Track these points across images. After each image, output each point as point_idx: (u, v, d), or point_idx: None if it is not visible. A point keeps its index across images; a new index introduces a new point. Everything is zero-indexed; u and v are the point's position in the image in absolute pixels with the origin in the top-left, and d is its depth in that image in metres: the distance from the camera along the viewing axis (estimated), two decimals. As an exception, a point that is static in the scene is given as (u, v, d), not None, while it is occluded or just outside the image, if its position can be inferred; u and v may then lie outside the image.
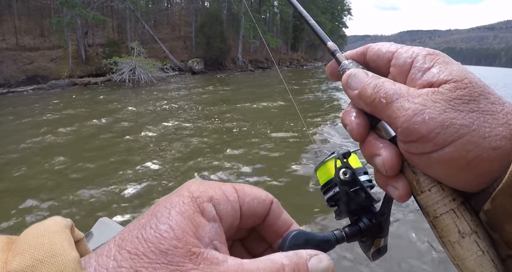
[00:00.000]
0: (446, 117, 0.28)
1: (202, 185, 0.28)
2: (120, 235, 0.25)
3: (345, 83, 0.36)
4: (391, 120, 0.31)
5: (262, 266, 0.25)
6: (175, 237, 0.24)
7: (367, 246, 0.41)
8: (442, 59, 0.32)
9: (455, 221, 0.30)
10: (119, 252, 0.24)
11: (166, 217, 0.25)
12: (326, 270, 0.27)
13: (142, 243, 0.24)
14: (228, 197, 0.28)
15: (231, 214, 0.28)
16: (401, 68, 0.33)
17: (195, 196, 0.27)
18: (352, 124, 0.35)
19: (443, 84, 0.29)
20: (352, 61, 0.38)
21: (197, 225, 0.25)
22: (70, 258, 0.22)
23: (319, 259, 0.28)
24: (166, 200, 0.27)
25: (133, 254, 0.23)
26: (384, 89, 0.32)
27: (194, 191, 0.27)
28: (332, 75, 0.41)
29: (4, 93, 15.89)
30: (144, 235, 0.24)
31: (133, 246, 0.24)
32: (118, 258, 0.23)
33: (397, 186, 0.33)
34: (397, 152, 0.32)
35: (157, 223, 0.25)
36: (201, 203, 0.26)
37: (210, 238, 0.25)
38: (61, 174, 5.15)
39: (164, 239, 0.24)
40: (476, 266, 0.28)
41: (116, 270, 0.23)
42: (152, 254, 0.23)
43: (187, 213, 0.25)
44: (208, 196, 0.27)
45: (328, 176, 0.43)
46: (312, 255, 0.28)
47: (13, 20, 22.04)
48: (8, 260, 0.22)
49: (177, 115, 9.63)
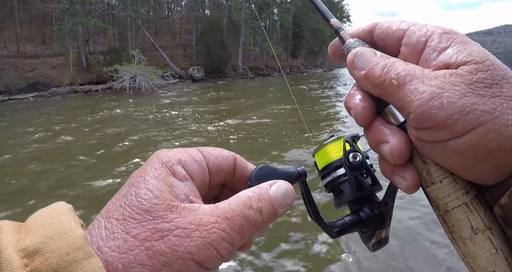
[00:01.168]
0: (466, 102, 0.25)
1: (170, 152, 0.32)
2: (105, 209, 0.28)
3: (351, 63, 0.33)
4: (402, 104, 0.28)
5: (232, 201, 0.29)
6: (154, 196, 0.27)
7: (368, 237, 0.39)
8: (460, 38, 0.29)
9: (468, 216, 0.28)
10: (108, 222, 0.26)
11: (142, 183, 0.28)
12: (286, 191, 0.32)
13: (126, 209, 0.27)
14: (194, 158, 0.32)
15: (200, 171, 0.32)
16: (414, 48, 0.30)
17: (165, 161, 0.30)
18: (357, 108, 0.32)
19: (462, 66, 0.27)
20: (358, 39, 0.35)
21: (171, 185, 0.28)
22: (77, 234, 0.24)
23: (277, 186, 0.32)
24: (139, 171, 0.30)
25: (121, 220, 0.26)
26: (395, 69, 0.29)
27: (163, 157, 0.30)
28: (334, 55, 0.37)
29: (5, 100, 15.92)
30: (126, 202, 0.27)
31: (119, 213, 0.26)
32: (108, 227, 0.26)
33: (405, 176, 0.31)
34: (407, 139, 0.30)
35: (135, 190, 0.28)
36: (171, 166, 0.30)
37: (185, 194, 0.29)
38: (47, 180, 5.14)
39: (145, 200, 0.27)
40: (488, 265, 0.27)
41: (110, 236, 0.25)
42: (138, 215, 0.26)
43: (160, 177, 0.29)
44: (176, 159, 0.31)
45: (328, 160, 0.40)
46: (271, 183, 0.32)
47: (14, 28, 22.17)
48: (20, 239, 0.24)
49: (176, 124, 9.65)
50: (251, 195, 0.30)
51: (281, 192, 0.32)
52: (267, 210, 0.30)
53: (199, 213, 0.27)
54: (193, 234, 0.26)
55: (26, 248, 0.23)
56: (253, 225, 0.29)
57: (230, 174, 0.35)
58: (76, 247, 0.24)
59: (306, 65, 49.04)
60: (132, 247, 0.25)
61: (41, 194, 4.69)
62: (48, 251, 0.23)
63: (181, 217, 0.27)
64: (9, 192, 4.77)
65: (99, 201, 4.38)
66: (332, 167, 0.40)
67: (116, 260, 0.25)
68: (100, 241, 0.25)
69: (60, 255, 0.23)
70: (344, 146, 0.38)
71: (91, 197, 4.59)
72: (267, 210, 0.30)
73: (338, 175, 0.39)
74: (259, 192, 0.31)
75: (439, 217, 0.30)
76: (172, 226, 0.26)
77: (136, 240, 0.25)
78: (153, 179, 0.28)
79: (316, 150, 0.43)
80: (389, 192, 0.37)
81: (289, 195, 0.32)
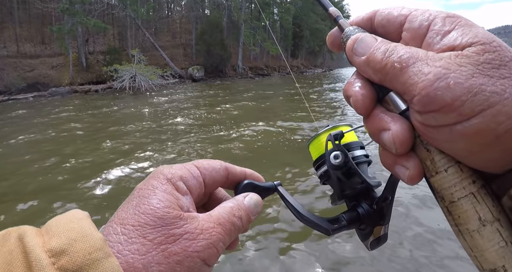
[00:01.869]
0: (474, 82, 0.24)
1: (172, 168, 0.36)
2: (117, 217, 0.31)
3: (351, 48, 0.32)
4: (406, 88, 0.27)
5: (219, 211, 0.35)
6: (166, 206, 0.32)
7: (366, 234, 0.38)
8: (465, 21, 0.28)
9: (475, 207, 0.26)
10: (124, 228, 0.30)
11: (153, 194, 0.32)
12: (256, 202, 0.38)
13: (141, 216, 0.30)
14: (193, 174, 0.37)
15: (197, 186, 0.37)
16: (416, 32, 0.29)
17: (169, 178, 0.35)
18: (357, 96, 0.31)
19: (468, 47, 0.26)
20: (357, 27, 0.34)
21: (177, 198, 0.33)
22: (97, 237, 0.27)
23: (249, 198, 0.38)
24: (146, 184, 0.34)
25: (136, 226, 0.30)
26: (397, 53, 0.28)
27: (167, 174, 0.35)
28: (333, 44, 0.36)
29: (5, 100, 15.89)
30: (140, 210, 0.31)
31: (134, 220, 0.30)
32: (125, 233, 0.29)
33: (408, 165, 0.29)
34: (409, 126, 0.29)
35: (148, 200, 0.32)
36: (175, 182, 0.34)
37: (187, 206, 0.34)
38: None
39: (158, 209, 0.31)
40: (497, 258, 0.25)
41: (128, 241, 0.29)
42: (152, 222, 0.30)
43: (168, 190, 0.33)
44: (179, 175, 0.35)
45: (320, 151, 0.40)
46: (245, 196, 0.38)
47: (14, 28, 22.15)
48: (45, 241, 0.27)
49: (175, 124, 9.61)
50: (232, 206, 0.36)
51: (253, 203, 0.38)
52: (245, 217, 0.37)
53: (200, 220, 0.33)
54: (199, 237, 0.31)
55: (53, 249, 0.26)
56: (236, 229, 0.35)
57: (223, 182, 0.41)
58: (97, 248, 0.26)
59: (306, 65, 49.07)
60: (150, 250, 0.29)
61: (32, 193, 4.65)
62: (72, 251, 0.26)
63: (188, 224, 0.32)
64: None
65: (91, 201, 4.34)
66: (325, 158, 0.39)
67: (136, 261, 0.28)
68: (119, 245, 0.29)
69: (83, 254, 0.26)
70: (326, 145, 0.37)
71: (82, 198, 4.55)
72: (244, 217, 0.37)
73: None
74: (237, 203, 0.37)
75: (443, 208, 0.29)
76: (182, 231, 0.31)
77: (152, 244, 0.29)
78: (162, 192, 0.33)
79: (309, 142, 0.42)
80: (389, 186, 0.36)
81: (259, 205, 0.39)
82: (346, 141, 0.39)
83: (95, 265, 0.26)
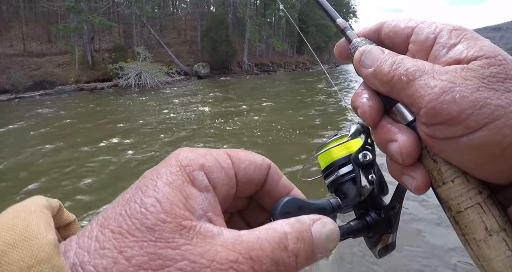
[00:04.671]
0: (479, 96, 0.24)
1: (192, 153, 0.26)
2: (103, 214, 0.23)
3: (358, 60, 0.32)
4: (412, 100, 0.28)
5: (262, 236, 0.23)
6: (163, 210, 0.22)
7: (374, 243, 0.38)
8: (470, 34, 0.28)
9: (482, 217, 0.27)
10: (101, 232, 0.21)
11: (152, 189, 0.23)
12: (331, 234, 0.26)
13: (126, 220, 0.21)
14: (221, 164, 0.26)
15: (225, 182, 0.26)
16: (422, 45, 0.29)
17: (184, 165, 0.24)
18: (365, 107, 0.31)
19: (474, 61, 0.26)
20: (365, 39, 0.34)
21: (188, 196, 0.23)
22: (45, 241, 0.19)
23: (322, 224, 0.26)
24: (152, 172, 0.25)
25: (116, 233, 0.21)
26: (404, 66, 0.29)
27: (183, 160, 0.25)
28: (341, 55, 0.37)
29: (12, 99, 15.93)
30: (128, 211, 0.22)
31: (116, 224, 0.21)
32: (100, 239, 0.21)
33: (415, 176, 0.29)
34: (416, 138, 0.29)
35: (142, 197, 0.22)
36: (191, 171, 0.24)
37: (203, 209, 0.23)
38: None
39: (150, 214, 0.21)
40: (504, 268, 0.25)
41: (98, 252, 0.20)
42: (138, 232, 0.21)
43: (175, 184, 0.23)
44: (199, 163, 0.25)
45: (331, 159, 0.39)
46: (315, 219, 0.26)
47: (20, 26, 22.21)
48: None
49: (181, 120, 9.50)
50: (289, 232, 0.24)
51: (325, 234, 0.25)
52: (305, 255, 0.24)
53: (216, 243, 0.22)
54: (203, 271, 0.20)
55: None
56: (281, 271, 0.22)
57: (260, 186, 0.29)
58: (41, 258, 0.19)
59: (311, 61, 48.69)
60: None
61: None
62: (6, 262, 0.18)
63: (191, 245, 0.21)
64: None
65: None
66: (335, 166, 0.38)
67: None
68: (85, 255, 0.20)
69: (20, 269, 0.18)
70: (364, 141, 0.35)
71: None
72: (304, 254, 0.24)
73: (341, 173, 0.37)
74: (299, 229, 0.24)
75: (450, 218, 0.29)
76: (177, 256, 0.20)
77: (128, 265, 0.20)
78: (165, 186, 0.23)
79: (319, 149, 0.41)
80: (397, 194, 0.36)
81: (334, 239, 0.26)
82: (352, 151, 0.38)
83: None
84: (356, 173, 0.35)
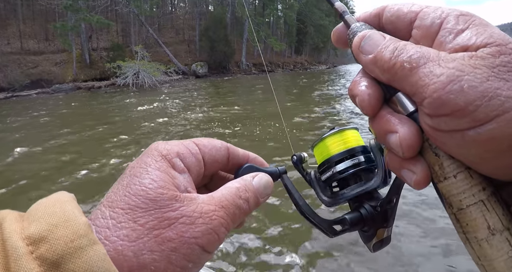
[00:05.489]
0: (489, 86, 0.23)
1: (168, 144, 0.33)
2: (106, 199, 0.29)
3: (357, 46, 0.31)
4: (415, 89, 0.26)
5: (225, 192, 0.32)
6: (159, 186, 0.29)
7: (369, 237, 0.37)
8: (479, 21, 0.26)
9: (485, 215, 0.25)
10: (113, 211, 0.27)
11: (145, 173, 0.29)
12: (266, 183, 0.35)
13: (131, 198, 0.28)
14: (191, 150, 0.34)
15: (196, 164, 0.34)
16: (427, 30, 0.28)
17: (164, 154, 0.31)
18: (363, 95, 0.30)
19: (482, 48, 0.24)
20: (364, 23, 0.32)
21: (172, 177, 0.30)
22: (81, 222, 0.25)
23: (259, 178, 0.35)
24: (138, 162, 0.31)
25: (126, 209, 0.27)
26: (407, 52, 0.27)
27: (162, 150, 0.32)
28: (338, 40, 0.35)
29: (8, 97, 15.86)
30: (131, 191, 0.28)
31: (124, 203, 0.27)
32: (114, 217, 0.27)
33: (415, 170, 0.28)
34: (417, 129, 0.28)
35: (139, 180, 0.29)
36: (171, 159, 0.31)
37: (184, 186, 0.31)
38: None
39: (151, 190, 0.28)
40: (506, 269, 0.24)
41: (117, 226, 0.26)
42: (144, 204, 0.27)
43: (162, 168, 0.30)
44: (175, 152, 0.32)
45: (327, 154, 0.38)
46: (254, 175, 0.35)
47: (17, 24, 22.13)
48: (24, 227, 0.24)
49: (178, 120, 9.50)
50: (238, 186, 0.33)
51: (263, 184, 0.35)
52: (252, 200, 0.33)
53: (199, 202, 0.30)
54: (197, 221, 0.28)
55: (31, 235, 0.23)
56: (242, 212, 0.32)
57: (224, 164, 0.37)
58: (80, 234, 0.24)
59: (310, 61, 48.73)
60: (141, 236, 0.26)
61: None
62: (53, 238, 0.23)
63: (185, 206, 0.29)
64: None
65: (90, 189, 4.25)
66: (332, 162, 0.38)
67: (125, 248, 0.26)
68: (107, 231, 0.26)
69: (65, 242, 0.23)
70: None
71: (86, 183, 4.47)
72: (252, 200, 0.33)
73: (338, 170, 0.37)
74: (245, 184, 0.34)
75: (451, 215, 0.28)
76: (177, 215, 0.28)
77: (144, 229, 0.27)
78: (155, 170, 0.30)
79: (315, 144, 0.40)
80: (394, 188, 0.35)
81: (269, 186, 0.36)
82: (351, 146, 0.38)
83: (78, 254, 0.23)
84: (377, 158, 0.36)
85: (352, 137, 0.38)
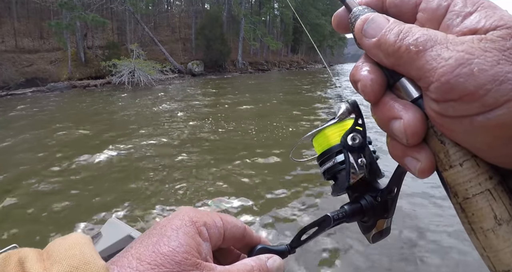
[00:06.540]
0: (500, 70, 0.22)
1: (198, 213, 0.36)
2: (135, 250, 0.31)
3: (360, 30, 0.29)
4: (422, 74, 0.25)
5: (240, 267, 0.34)
6: (185, 251, 0.31)
7: (368, 227, 0.37)
8: (488, 3, 0.25)
9: (491, 205, 0.25)
10: (140, 264, 0.29)
11: (175, 236, 0.32)
12: (279, 266, 0.37)
13: (159, 256, 0.30)
14: (216, 223, 0.36)
15: (217, 236, 0.36)
16: (433, 13, 0.27)
17: (194, 221, 0.34)
18: (366, 80, 0.29)
19: (492, 31, 0.23)
20: (367, 7, 0.31)
21: (198, 243, 0.32)
22: (100, 265, 0.27)
23: (273, 260, 0.37)
24: (169, 222, 0.34)
25: (153, 265, 0.29)
26: (413, 34, 0.26)
27: (193, 217, 0.34)
28: (339, 25, 0.34)
29: (3, 96, 15.78)
30: (160, 250, 0.30)
31: (152, 259, 0.29)
32: (140, 269, 0.29)
33: (419, 157, 0.27)
34: (422, 115, 0.27)
35: (169, 241, 0.31)
36: (199, 226, 0.34)
37: (205, 253, 0.33)
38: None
39: (178, 253, 0.30)
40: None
41: None
42: (169, 264, 0.29)
43: (190, 234, 0.32)
44: (203, 221, 0.35)
45: (327, 145, 0.37)
46: (269, 257, 0.38)
47: (12, 22, 21.97)
48: (46, 268, 0.26)
49: (173, 119, 9.52)
50: (254, 265, 0.35)
51: (276, 266, 0.37)
52: None
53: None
54: None
55: None
56: None
57: (239, 241, 0.40)
58: None
59: (306, 60, 48.81)
60: None
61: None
62: None
63: None
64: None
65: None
66: (332, 152, 0.37)
67: None
68: None
69: None
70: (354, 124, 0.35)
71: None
72: None
73: (339, 161, 0.36)
74: (260, 263, 0.36)
75: (456, 205, 0.27)
76: None
77: None
78: (184, 235, 0.32)
79: (314, 134, 0.39)
80: (395, 177, 0.34)
81: (281, 269, 0.38)
82: None
83: None
84: (345, 157, 0.34)
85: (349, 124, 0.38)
